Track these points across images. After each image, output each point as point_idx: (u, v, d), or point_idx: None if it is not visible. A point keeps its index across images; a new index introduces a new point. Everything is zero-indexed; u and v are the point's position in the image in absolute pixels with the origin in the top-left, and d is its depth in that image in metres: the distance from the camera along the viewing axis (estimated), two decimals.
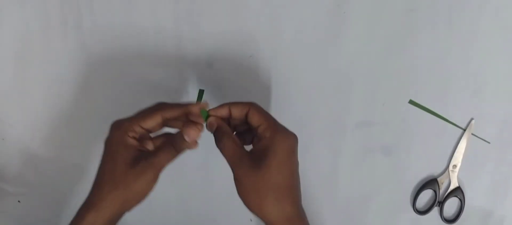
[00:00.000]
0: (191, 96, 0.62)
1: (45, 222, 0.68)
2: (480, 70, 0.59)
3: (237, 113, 0.50)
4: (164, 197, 0.66)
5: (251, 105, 0.50)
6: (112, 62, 0.62)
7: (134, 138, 0.49)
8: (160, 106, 0.50)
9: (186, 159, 0.64)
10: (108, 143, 0.49)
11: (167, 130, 0.52)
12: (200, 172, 0.65)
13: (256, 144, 0.50)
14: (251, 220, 0.66)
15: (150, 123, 0.49)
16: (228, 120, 0.51)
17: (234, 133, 0.52)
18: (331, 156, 0.63)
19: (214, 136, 0.50)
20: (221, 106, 0.51)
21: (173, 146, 0.49)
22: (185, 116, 0.50)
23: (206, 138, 0.63)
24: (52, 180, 0.66)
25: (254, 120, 0.49)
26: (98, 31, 0.61)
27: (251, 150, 0.50)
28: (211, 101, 0.62)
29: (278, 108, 0.62)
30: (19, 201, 0.67)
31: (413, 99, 0.61)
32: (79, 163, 0.65)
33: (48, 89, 0.63)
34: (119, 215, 0.49)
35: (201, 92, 0.53)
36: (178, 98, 0.62)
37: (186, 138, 0.49)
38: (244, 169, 0.47)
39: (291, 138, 0.49)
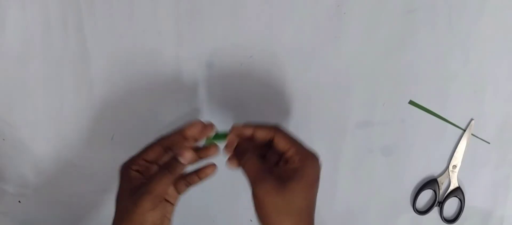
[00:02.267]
0: (190, 96, 0.62)
1: (45, 223, 0.68)
2: (480, 71, 0.59)
3: (261, 136, 0.50)
4: None
5: (277, 130, 0.50)
6: (112, 63, 0.62)
7: (137, 170, 0.50)
8: (159, 137, 0.51)
9: None
10: (119, 182, 0.50)
11: None
12: None
13: (282, 166, 0.49)
14: (251, 221, 0.66)
15: (151, 154, 0.50)
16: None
17: None
18: (331, 156, 0.63)
19: (235, 154, 0.50)
20: (245, 126, 0.50)
21: (168, 169, 0.49)
22: (184, 139, 0.50)
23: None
24: (52, 181, 0.66)
25: (281, 145, 0.49)
26: (99, 31, 0.60)
27: (275, 170, 0.49)
28: (210, 102, 0.62)
29: (278, 108, 0.62)
30: (19, 202, 0.67)
31: (413, 99, 0.61)
32: (80, 164, 0.65)
33: (49, 89, 0.63)
34: None
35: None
36: (177, 98, 0.62)
37: (181, 159, 0.49)
38: (266, 188, 0.46)
39: (318, 163, 0.48)
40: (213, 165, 0.52)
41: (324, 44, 0.60)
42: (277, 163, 0.50)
